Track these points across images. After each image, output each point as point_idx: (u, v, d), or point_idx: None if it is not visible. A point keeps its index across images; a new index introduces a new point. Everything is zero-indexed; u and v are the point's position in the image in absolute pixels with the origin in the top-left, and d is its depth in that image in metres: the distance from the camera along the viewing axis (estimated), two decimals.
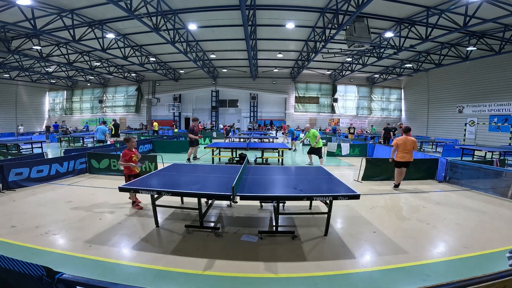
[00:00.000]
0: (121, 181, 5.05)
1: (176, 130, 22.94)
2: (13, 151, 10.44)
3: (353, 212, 5.01)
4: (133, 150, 5.18)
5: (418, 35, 12.81)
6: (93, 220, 4.41)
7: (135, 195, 5.19)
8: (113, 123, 17.84)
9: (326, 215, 3.91)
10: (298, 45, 17.55)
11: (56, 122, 25.29)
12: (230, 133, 19.56)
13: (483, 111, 18.03)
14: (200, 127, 24.30)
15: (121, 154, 5.10)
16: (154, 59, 20.64)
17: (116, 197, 5.47)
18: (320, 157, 9.40)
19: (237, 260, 3.22)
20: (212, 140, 18.07)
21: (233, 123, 26.49)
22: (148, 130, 23.43)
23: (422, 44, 14.10)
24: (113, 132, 16.39)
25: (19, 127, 23.88)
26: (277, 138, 17.77)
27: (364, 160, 7.80)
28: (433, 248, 3.62)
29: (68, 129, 23.43)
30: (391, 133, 16.21)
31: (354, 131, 22.01)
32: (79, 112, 29.66)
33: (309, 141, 9.62)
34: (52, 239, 3.69)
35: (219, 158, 10.73)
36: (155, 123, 22.86)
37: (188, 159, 10.21)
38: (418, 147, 14.57)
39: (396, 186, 6.79)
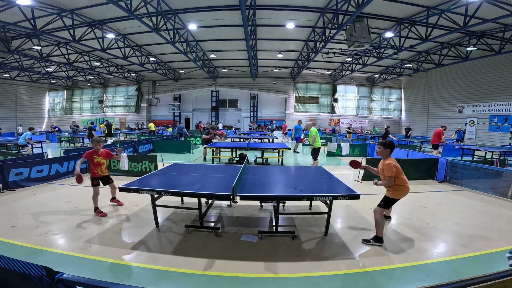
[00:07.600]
0: (121, 181, 5.03)
1: (169, 129, 22.25)
2: (13, 151, 10.44)
3: (353, 212, 5.01)
4: (100, 152, 4.90)
5: (418, 35, 12.81)
6: (93, 220, 4.41)
7: (114, 198, 5.27)
8: (105, 123, 17.71)
9: (326, 215, 3.91)
10: (298, 45, 17.54)
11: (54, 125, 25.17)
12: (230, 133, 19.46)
13: (483, 111, 18.04)
14: (200, 127, 24.35)
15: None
16: (154, 59, 20.64)
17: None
18: (315, 159, 8.72)
19: (237, 260, 3.22)
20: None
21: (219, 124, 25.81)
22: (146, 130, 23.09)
23: (422, 44, 14.10)
24: (106, 132, 16.40)
25: (18, 127, 23.81)
26: (277, 138, 17.73)
27: (364, 160, 7.80)
28: (433, 248, 3.62)
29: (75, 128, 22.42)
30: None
31: (352, 130, 22.05)
32: (79, 112, 29.67)
33: (308, 141, 8.92)
34: (52, 239, 3.69)
35: (219, 158, 10.73)
36: (150, 124, 22.12)
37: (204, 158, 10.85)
38: (418, 148, 14.61)
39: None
